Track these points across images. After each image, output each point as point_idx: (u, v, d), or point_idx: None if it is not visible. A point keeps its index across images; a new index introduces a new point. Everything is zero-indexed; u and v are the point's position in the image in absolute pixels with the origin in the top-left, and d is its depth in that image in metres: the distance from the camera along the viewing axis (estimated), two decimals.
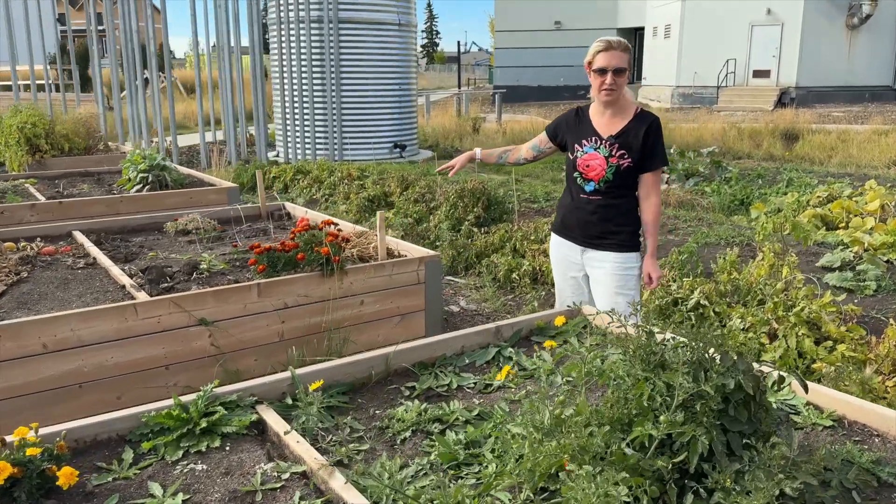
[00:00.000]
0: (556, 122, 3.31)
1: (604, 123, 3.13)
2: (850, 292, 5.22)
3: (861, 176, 11.29)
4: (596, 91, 3.06)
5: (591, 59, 3.04)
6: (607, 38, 3.04)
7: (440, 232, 6.66)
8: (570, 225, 3.28)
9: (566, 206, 3.29)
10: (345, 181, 8.53)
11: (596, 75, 3.02)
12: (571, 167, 3.20)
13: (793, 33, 25.82)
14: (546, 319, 3.06)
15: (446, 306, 5.46)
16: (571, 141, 3.20)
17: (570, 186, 3.26)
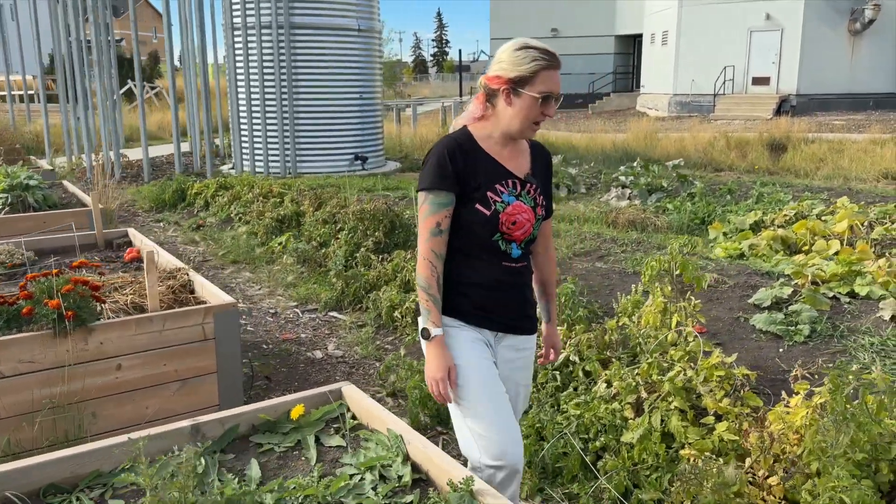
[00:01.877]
0: (446, 169, 2.08)
1: (508, 158, 2.18)
2: (778, 338, 4.41)
3: (843, 191, 10.42)
4: (525, 122, 2.08)
5: (524, 75, 2.03)
6: (547, 48, 2.06)
7: (336, 259, 5.91)
8: (491, 307, 2.21)
9: (483, 284, 2.19)
10: (259, 199, 7.80)
11: (534, 101, 2.05)
12: (486, 227, 2.12)
13: (793, 39, 24.90)
14: (279, 410, 2.29)
15: (310, 351, 4.71)
16: (478, 188, 2.11)
17: (480, 256, 2.17)
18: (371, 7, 13.35)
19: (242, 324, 5.19)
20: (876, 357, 4.10)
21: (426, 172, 2.10)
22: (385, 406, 3.94)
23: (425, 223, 2.10)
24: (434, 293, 2.10)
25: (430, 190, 2.09)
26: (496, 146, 2.17)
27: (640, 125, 19.14)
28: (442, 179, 2.08)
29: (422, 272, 2.11)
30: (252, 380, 3.89)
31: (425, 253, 2.11)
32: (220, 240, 7.33)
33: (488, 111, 2.16)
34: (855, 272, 5.42)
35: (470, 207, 2.10)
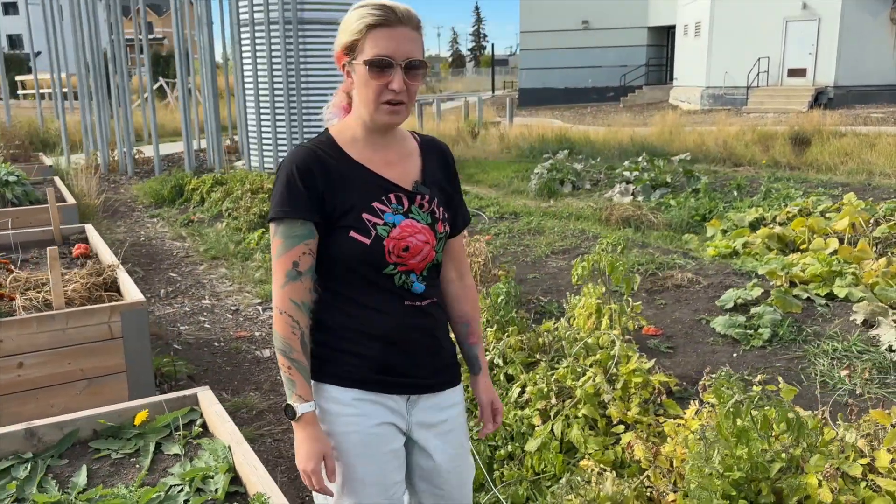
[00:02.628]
0: (297, 190, 1.57)
1: (386, 165, 1.67)
2: (735, 342, 4.20)
3: (861, 186, 9.98)
4: (370, 103, 1.58)
5: (354, 39, 1.57)
6: (383, 3, 1.55)
7: None
8: (396, 365, 1.68)
9: (381, 335, 1.65)
10: (248, 194, 7.81)
11: (370, 73, 1.55)
12: (368, 259, 1.61)
13: (831, 29, 24.03)
14: (125, 414, 2.23)
15: (260, 349, 4.66)
16: (349, 210, 1.60)
17: (370, 297, 1.65)
18: None
19: (201, 321, 5.18)
20: (835, 363, 3.87)
21: (274, 198, 1.59)
22: None
23: (278, 264, 1.56)
24: (298, 357, 1.57)
25: (279, 220, 1.55)
26: (366, 150, 1.64)
27: (665, 119, 18.71)
28: (294, 204, 1.54)
29: (279, 331, 1.57)
30: (174, 379, 3.86)
31: (281, 304, 1.56)
32: (206, 235, 7.35)
33: (346, 100, 1.70)
34: (836, 273, 5.15)
35: (342, 237, 1.58)
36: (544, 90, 34.06)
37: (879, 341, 4.06)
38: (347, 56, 1.60)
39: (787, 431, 2.22)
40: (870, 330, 4.25)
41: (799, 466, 2.16)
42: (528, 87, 34.87)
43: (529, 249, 6.28)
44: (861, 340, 4.11)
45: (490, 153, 15.71)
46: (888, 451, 2.06)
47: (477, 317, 1.88)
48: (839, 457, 2.17)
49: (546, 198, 9.78)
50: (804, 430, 2.21)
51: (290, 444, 3.49)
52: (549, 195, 9.88)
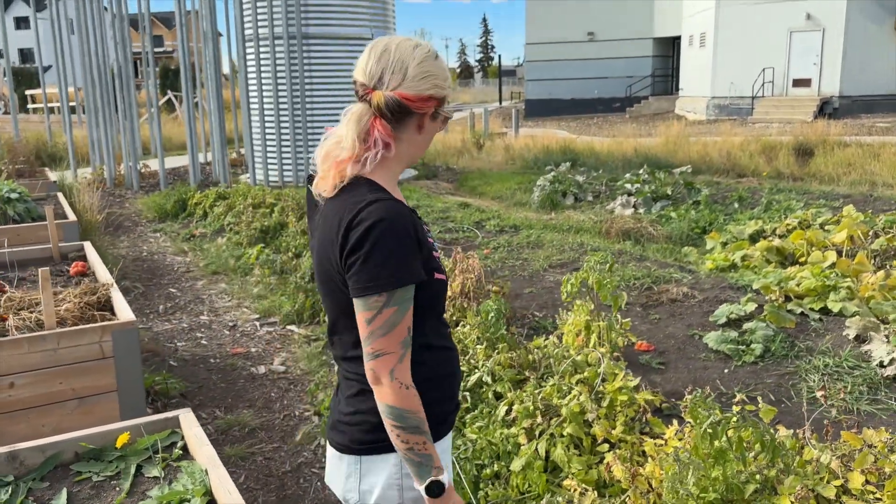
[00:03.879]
0: (415, 250, 1.45)
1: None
2: (728, 358, 4.20)
3: (862, 198, 9.95)
4: (423, 148, 1.58)
5: (446, 96, 1.54)
6: None
7: (303, 270, 5.90)
8: (458, 392, 1.71)
9: (455, 371, 1.66)
10: (250, 209, 7.87)
11: (442, 125, 1.57)
12: (444, 293, 1.60)
13: (835, 39, 24.01)
14: (107, 437, 2.26)
15: (255, 366, 4.70)
16: (428, 250, 1.54)
17: (442, 335, 1.62)
18: (385, 16, 13.38)
19: (199, 337, 5.22)
20: (826, 380, 3.87)
21: (383, 263, 1.39)
22: (309, 425, 3.90)
23: (395, 334, 1.41)
24: (427, 429, 1.45)
25: (396, 289, 1.40)
26: (396, 190, 1.57)
27: (669, 130, 18.69)
28: (415, 266, 1.43)
29: (411, 407, 1.42)
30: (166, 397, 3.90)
31: (404, 377, 1.42)
32: (207, 250, 7.41)
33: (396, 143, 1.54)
34: (830, 287, 5.14)
35: (432, 280, 1.51)
36: (551, 101, 34.13)
37: (871, 356, 4.06)
38: (439, 105, 1.53)
39: (763, 452, 2.23)
40: (862, 345, 4.24)
41: (773, 487, 2.17)
42: (535, 98, 34.95)
43: (528, 263, 6.30)
44: (853, 356, 4.11)
45: (495, 164, 15.76)
46: (861, 472, 2.07)
47: None
48: (814, 478, 2.18)
49: (548, 210, 9.80)
50: (779, 451, 2.22)
51: (280, 463, 3.52)
52: (552, 207, 9.90)
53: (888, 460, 1.99)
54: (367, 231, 1.39)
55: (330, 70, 12.70)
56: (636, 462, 2.71)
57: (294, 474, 3.42)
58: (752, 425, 2.26)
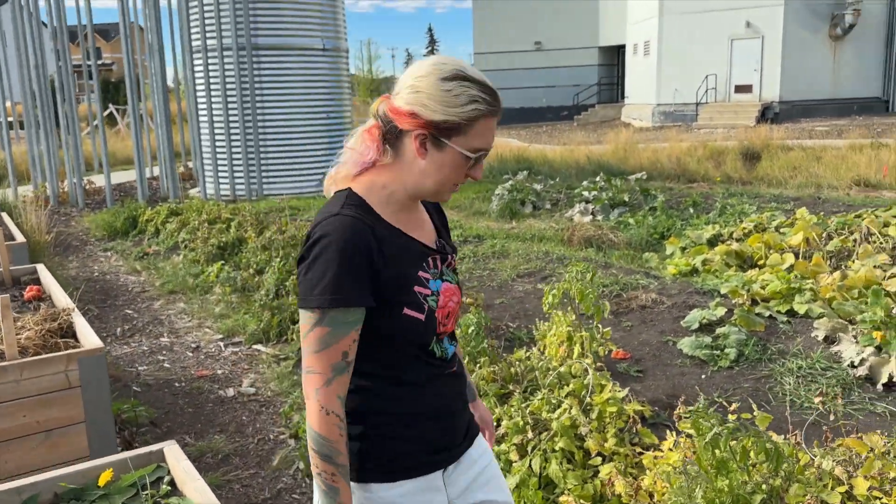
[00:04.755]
0: (359, 272, 1.36)
1: (414, 225, 1.51)
2: (703, 363, 4.23)
3: (811, 200, 10.26)
4: (445, 184, 1.43)
5: (454, 121, 1.37)
6: (489, 83, 1.42)
7: (267, 287, 5.75)
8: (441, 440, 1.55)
9: (430, 412, 1.52)
10: (205, 225, 7.65)
11: (463, 161, 1.40)
12: (422, 335, 1.46)
13: (774, 46, 24.85)
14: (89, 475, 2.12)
15: (223, 388, 4.53)
16: (403, 285, 1.43)
17: (416, 375, 1.50)
18: (337, 26, 13.27)
19: (160, 360, 5.03)
20: (801, 382, 3.93)
21: (320, 280, 1.33)
22: (286, 448, 3.77)
23: (323, 356, 1.35)
24: (343, 461, 1.39)
25: (329, 309, 1.33)
26: (401, 213, 1.46)
27: (618, 137, 19.02)
28: (350, 289, 1.34)
29: (324, 433, 1.36)
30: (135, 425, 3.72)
31: (327, 402, 1.36)
32: (162, 269, 7.17)
33: (385, 156, 1.44)
34: (795, 289, 5.25)
35: (395, 315, 1.40)
36: None
37: (841, 357, 4.14)
38: (434, 130, 1.37)
39: (766, 461, 2.22)
40: (831, 346, 4.33)
41: (780, 497, 2.16)
42: None
43: (495, 273, 6.27)
44: (824, 357, 4.18)
45: None
46: (865, 478, 2.07)
47: (458, 349, 1.73)
48: (817, 485, 2.18)
49: (508, 219, 9.82)
50: (782, 460, 2.21)
51: (258, 490, 3.38)
52: (511, 216, 9.92)
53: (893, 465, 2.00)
54: (312, 244, 1.37)
55: (281, 81, 12.52)
56: (630, 474, 2.68)
57: (274, 501, 3.30)
58: (754, 434, 2.25)
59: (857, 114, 25.08)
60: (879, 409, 3.55)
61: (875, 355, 3.92)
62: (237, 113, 12.09)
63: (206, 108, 12.11)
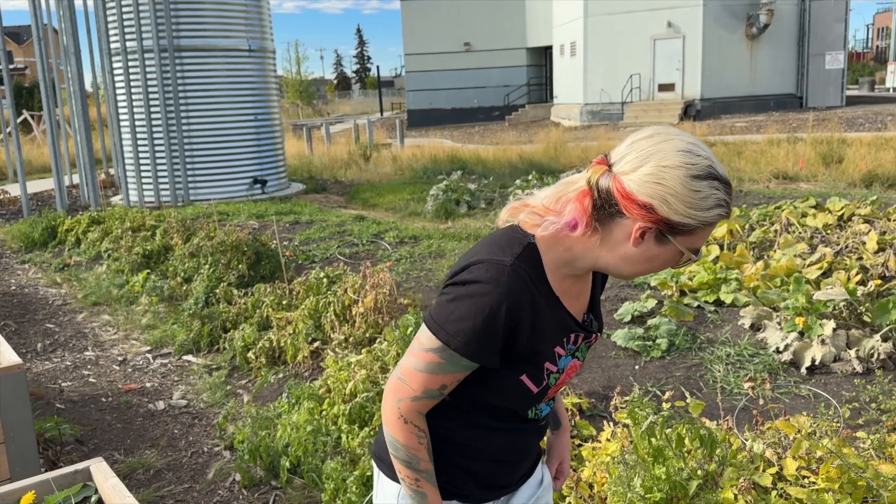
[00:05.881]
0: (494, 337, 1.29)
1: (574, 296, 1.41)
2: (637, 354, 4.32)
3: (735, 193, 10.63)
4: (645, 272, 1.32)
5: (690, 224, 1.23)
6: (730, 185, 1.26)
7: (196, 296, 5.58)
8: (502, 478, 1.53)
9: (495, 458, 1.49)
10: (129, 233, 7.38)
11: (678, 256, 1.28)
12: (525, 401, 1.42)
13: (694, 45, 25.69)
14: (8, 499, 2.00)
15: (153, 402, 4.37)
16: (534, 356, 1.37)
17: (497, 424, 1.45)
18: (262, 27, 13.02)
19: (85, 375, 4.81)
20: (730, 369, 4.05)
21: (459, 322, 1.28)
22: (221, 460, 3.66)
23: (423, 378, 1.33)
24: (426, 466, 1.38)
25: (454, 349, 1.29)
26: (567, 279, 1.36)
27: (548, 136, 19.32)
28: (482, 348, 1.29)
29: (405, 441, 1.36)
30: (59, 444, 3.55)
31: (408, 413, 1.35)
32: (84, 280, 6.87)
33: (592, 234, 1.29)
34: (721, 279, 5.43)
35: (510, 377, 1.36)
36: (432, 111, 34.49)
37: (767, 343, 4.29)
38: (665, 228, 1.23)
39: (701, 447, 2.27)
40: (757, 333, 4.48)
41: (714, 481, 2.21)
42: (417, 108, 35.21)
43: (432, 273, 6.26)
44: (751, 344, 4.33)
45: (384, 175, 15.68)
46: (794, 458, 2.14)
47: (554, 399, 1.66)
48: (749, 468, 2.24)
49: (443, 219, 9.83)
50: (716, 445, 2.27)
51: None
52: (447, 216, 9.94)
53: (819, 445, 2.07)
54: (470, 282, 1.28)
55: (206, 83, 12.21)
56: (571, 467, 2.70)
57: None
58: (688, 421, 2.30)
59: (773, 109, 26.20)
60: (804, 392, 3.69)
61: (798, 340, 4.08)
62: (160, 117, 11.72)
63: (128, 113, 11.70)
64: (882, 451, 2.27)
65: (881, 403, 3.44)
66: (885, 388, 3.62)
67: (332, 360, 3.92)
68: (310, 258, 6.87)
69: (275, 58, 13.67)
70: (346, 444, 3.24)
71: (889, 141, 14.03)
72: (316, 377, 4.13)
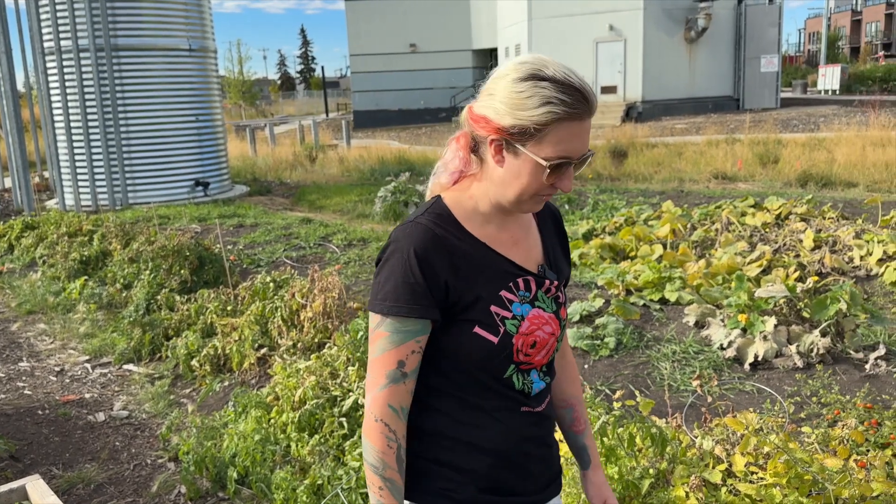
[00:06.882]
0: (418, 285, 1.28)
1: (510, 242, 1.39)
2: (586, 353, 4.37)
3: (675, 193, 10.89)
4: (523, 193, 1.29)
5: (526, 126, 1.23)
6: (573, 81, 1.25)
7: (137, 302, 5.40)
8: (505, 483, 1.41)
9: (492, 449, 1.38)
10: (65, 238, 7.11)
11: (538, 169, 1.25)
12: (493, 360, 1.34)
13: (635, 48, 26.21)
14: None
15: (93, 413, 4.20)
16: (475, 302, 1.33)
17: (483, 402, 1.38)
18: (203, 26, 12.73)
19: (20, 387, 4.60)
20: (676, 366, 4.13)
21: (383, 286, 1.30)
22: (165, 473, 3.54)
23: (379, 362, 1.30)
24: (392, 475, 1.31)
25: (390, 315, 1.28)
26: (490, 226, 1.36)
27: None
28: (411, 300, 1.27)
29: (372, 442, 1.31)
30: None
31: (378, 410, 1.30)
32: (18, 288, 6.59)
33: (474, 165, 1.35)
34: (665, 278, 5.53)
35: (464, 332, 1.32)
36: (379, 112, 34.33)
37: (711, 340, 4.38)
38: (507, 136, 1.25)
39: (652, 446, 2.29)
40: (702, 330, 4.58)
41: (666, 479, 2.23)
42: (363, 109, 34.99)
43: None
44: (696, 341, 4.42)
45: (331, 177, 15.52)
46: (742, 455, 2.18)
47: (580, 397, 1.60)
48: (699, 465, 2.27)
49: (392, 221, 9.77)
50: (667, 443, 2.29)
51: None
52: (395, 218, 9.88)
53: (766, 441, 2.11)
54: (385, 248, 1.33)
55: (145, 83, 11.87)
56: None
57: None
58: (639, 420, 2.32)
59: (712, 111, 26.93)
60: (748, 388, 3.79)
61: (741, 337, 4.18)
62: (97, 118, 11.35)
63: (63, 114, 11.29)
64: (826, 444, 2.34)
65: (822, 397, 3.55)
66: (824, 382, 3.73)
67: (280, 367, 3.84)
68: (255, 262, 6.74)
69: (216, 57, 13.39)
70: (296, 453, 3.17)
71: (822, 142, 14.57)
72: (263, 384, 4.05)
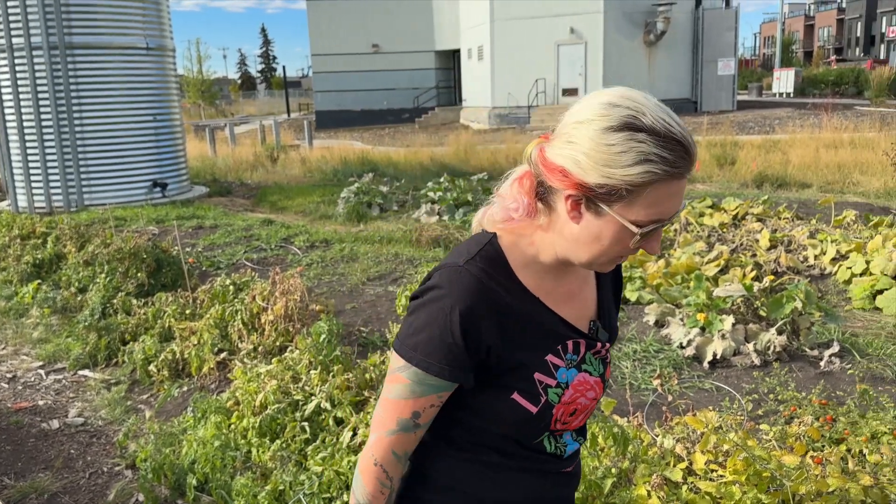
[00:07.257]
0: (456, 347, 1.13)
1: (564, 298, 1.25)
2: None
3: None
4: (601, 256, 1.14)
5: (617, 186, 1.06)
6: (674, 134, 1.07)
7: (92, 306, 5.27)
8: None
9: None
10: (18, 241, 6.91)
11: (627, 233, 1.10)
12: (528, 427, 1.23)
13: (595, 51, 26.52)
14: None
15: (46, 421, 4.09)
16: (517, 368, 1.19)
17: (509, 463, 1.25)
18: (161, 23, 12.51)
19: None
20: (637, 365, 4.17)
21: (417, 333, 1.15)
22: (122, 480, 3.46)
23: (393, 406, 1.18)
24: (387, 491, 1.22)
25: (418, 367, 1.15)
26: (546, 279, 1.21)
27: (458, 139, 19.47)
28: (445, 360, 1.13)
29: (366, 483, 1.22)
30: None
31: (380, 454, 1.20)
32: None
33: (538, 212, 1.17)
34: (625, 278, 5.59)
35: (500, 398, 1.19)
36: (341, 112, 34.12)
37: (671, 339, 4.45)
38: (589, 194, 1.08)
39: (614, 445, 2.31)
40: (661, 329, 4.64)
41: (628, 478, 2.25)
42: (325, 109, 34.74)
43: (345, 278, 6.16)
44: (656, 340, 4.48)
45: (293, 178, 15.36)
46: (703, 453, 2.21)
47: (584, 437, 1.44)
48: (661, 463, 2.29)
49: (355, 222, 9.71)
50: (629, 442, 2.31)
51: None
52: (359, 219, 9.83)
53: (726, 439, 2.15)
54: (427, 290, 1.16)
55: (101, 82, 11.61)
56: None
57: None
58: (601, 420, 2.33)
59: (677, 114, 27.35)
60: (707, 386, 3.85)
61: (700, 336, 4.25)
62: (51, 117, 11.06)
63: (15, 113, 10.98)
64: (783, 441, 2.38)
65: (778, 394, 3.62)
66: (781, 380, 3.81)
67: (240, 371, 3.78)
68: (215, 265, 6.64)
69: (174, 56, 13.16)
70: (257, 458, 3.13)
71: (777, 143, 14.92)
72: (223, 389, 3.98)
